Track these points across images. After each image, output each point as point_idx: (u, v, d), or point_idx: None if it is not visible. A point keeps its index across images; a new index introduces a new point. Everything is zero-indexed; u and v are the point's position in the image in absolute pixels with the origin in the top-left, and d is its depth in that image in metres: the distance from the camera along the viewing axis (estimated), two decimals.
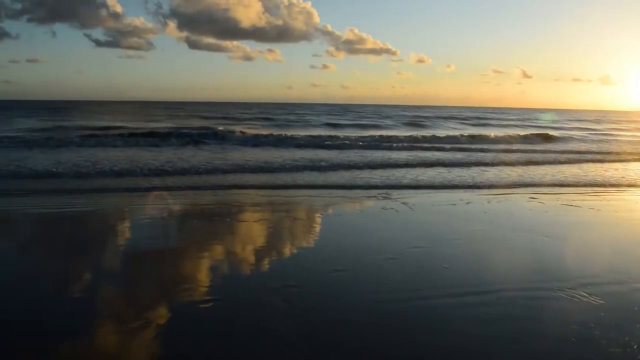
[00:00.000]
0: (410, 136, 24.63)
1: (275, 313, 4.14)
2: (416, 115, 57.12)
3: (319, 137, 22.12)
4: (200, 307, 4.26)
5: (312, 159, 14.88)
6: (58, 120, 34.85)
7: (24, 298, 4.56)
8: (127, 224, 7.52)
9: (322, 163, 14.06)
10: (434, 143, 21.89)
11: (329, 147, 18.90)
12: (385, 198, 9.52)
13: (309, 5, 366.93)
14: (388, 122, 40.87)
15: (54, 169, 11.62)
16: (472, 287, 4.95)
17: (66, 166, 12.14)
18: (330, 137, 22.23)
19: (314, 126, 33.38)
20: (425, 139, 23.76)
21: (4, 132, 22.36)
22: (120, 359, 3.52)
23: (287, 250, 6.29)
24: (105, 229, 7.21)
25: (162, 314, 4.14)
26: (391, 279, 5.18)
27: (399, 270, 5.46)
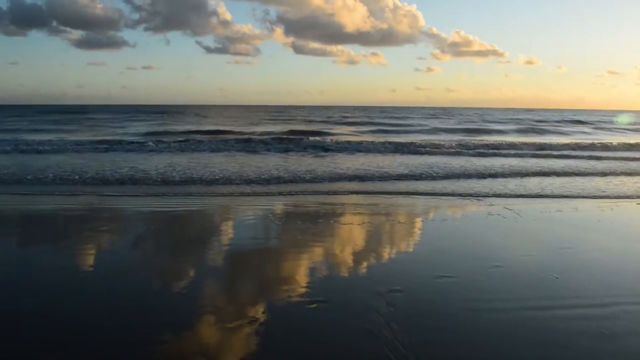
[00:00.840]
0: (523, 143, 22.96)
1: (380, 317, 4.17)
2: (527, 118, 54.65)
3: (423, 142, 21.63)
4: (306, 308, 4.37)
5: (419, 165, 14.74)
6: (170, 124, 37.24)
7: (133, 289, 4.90)
8: (233, 224, 7.85)
9: (433, 170, 13.72)
10: (548, 150, 20.40)
11: (433, 153, 18.40)
12: (490, 204, 9.24)
13: (414, 8, 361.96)
14: (499, 126, 39.31)
15: (165, 171, 12.44)
16: (586, 298, 4.67)
17: (178, 169, 12.96)
18: (436, 144, 21.41)
19: (419, 132, 32.62)
20: (539, 145, 22.15)
21: (121, 136, 24.19)
22: (223, 356, 3.64)
23: (391, 255, 6.28)
24: (211, 228, 7.58)
25: (267, 313, 4.26)
26: (498, 287, 5.02)
27: (507, 279, 5.28)
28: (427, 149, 19.50)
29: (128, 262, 5.89)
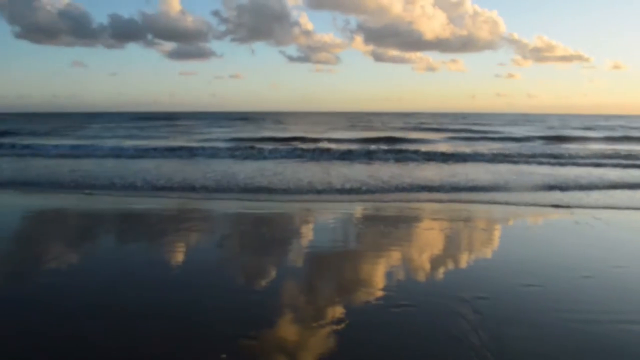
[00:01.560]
0: (613, 151, 21.74)
1: (466, 323, 4.15)
2: (615, 125, 51.80)
3: (508, 151, 20.88)
4: (391, 312, 4.41)
5: (503, 173, 14.38)
6: (255, 130, 38.22)
7: (218, 286, 5.11)
8: (315, 226, 7.98)
9: (517, 178, 13.36)
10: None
11: (514, 162, 17.73)
12: (576, 214, 8.89)
13: (494, 14, 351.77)
14: (587, 133, 37.32)
15: (253, 175, 12.86)
16: None
17: (265, 175, 13.38)
18: (519, 154, 20.40)
19: (504, 139, 31.35)
20: (627, 154, 20.79)
21: (213, 142, 25.02)
22: (303, 356, 3.71)
23: (474, 261, 6.19)
24: (294, 230, 7.73)
25: (350, 315, 4.33)
26: (588, 298, 4.83)
27: (597, 290, 5.07)
28: (514, 158, 18.74)
29: (214, 260, 6.16)
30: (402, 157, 18.69)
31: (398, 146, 22.85)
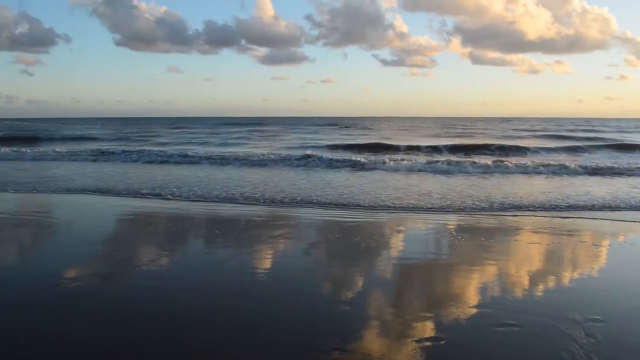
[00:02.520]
0: None
1: (578, 347, 3.80)
2: None
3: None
4: (494, 330, 4.13)
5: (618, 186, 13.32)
6: (349, 136, 38.31)
7: (304, 294, 5.09)
8: (407, 237, 7.74)
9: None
10: None
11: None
12: None
13: (605, 11, 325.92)
14: None
15: (348, 185, 12.84)
16: None
17: (363, 182, 13.33)
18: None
19: (611, 146, 27.81)
20: None
21: (313, 149, 25.15)
22: None
23: (585, 280, 5.69)
24: (384, 240, 7.51)
25: (448, 332, 4.12)
26: None
27: None
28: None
29: (300, 269, 6.14)
30: (505, 168, 16.84)
31: (501, 157, 21.33)
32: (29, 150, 23.54)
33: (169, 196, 11.00)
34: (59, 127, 57.31)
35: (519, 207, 9.94)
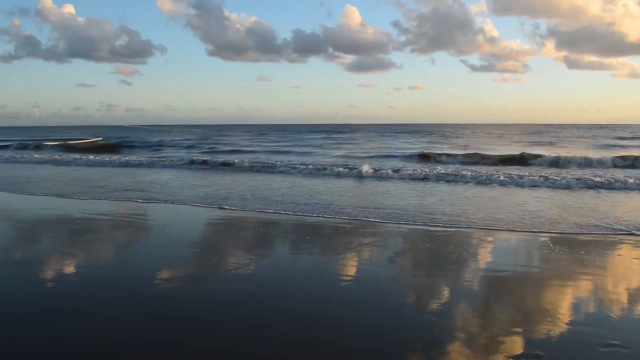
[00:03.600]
0: None
1: None
2: None
3: None
4: (598, 351, 3.80)
5: None
6: (440, 143, 37.57)
7: (388, 303, 4.99)
8: (498, 249, 7.38)
9: None
10: None
11: None
12: None
13: None
14: None
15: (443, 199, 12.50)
16: None
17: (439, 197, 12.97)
18: None
19: None
20: None
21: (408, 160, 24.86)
22: None
23: None
24: (474, 251, 7.18)
25: (547, 349, 3.85)
26: None
27: None
28: None
29: (387, 277, 6.05)
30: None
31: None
32: (123, 158, 25.01)
33: (256, 210, 11.23)
34: (154, 132, 60.20)
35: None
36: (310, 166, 19.34)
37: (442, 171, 17.19)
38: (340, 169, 18.43)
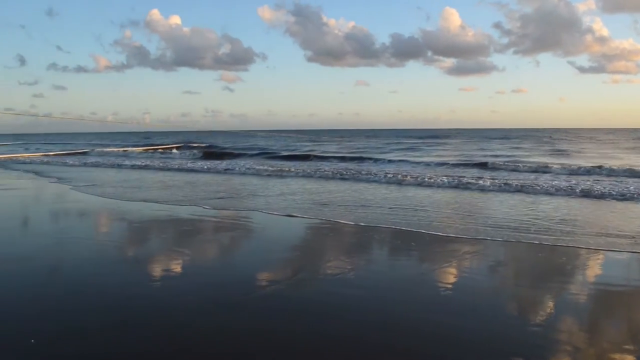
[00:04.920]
0: None
1: None
2: None
3: None
4: None
5: None
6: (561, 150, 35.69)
7: (486, 315, 5.03)
8: (607, 262, 7.16)
9: None
10: None
11: None
12: None
13: None
14: None
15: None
16: None
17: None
18: None
19: None
20: None
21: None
22: None
23: None
24: (579, 263, 6.99)
25: None
26: None
27: None
28: None
29: (494, 286, 6.12)
30: None
31: None
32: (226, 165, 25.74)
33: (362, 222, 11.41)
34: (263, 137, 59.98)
35: None
36: (409, 177, 18.55)
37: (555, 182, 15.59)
38: (445, 179, 17.05)
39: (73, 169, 25.42)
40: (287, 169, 22.39)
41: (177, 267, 6.98)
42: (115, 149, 44.84)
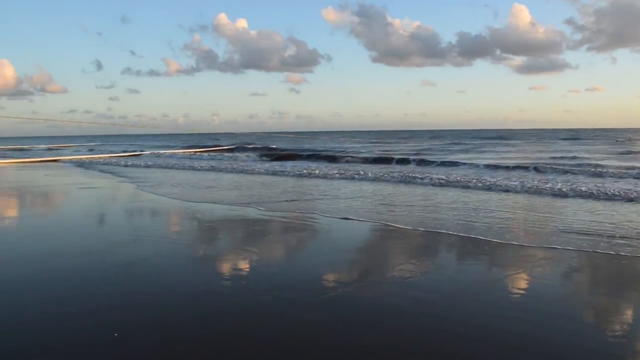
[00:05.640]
0: None
1: None
2: None
3: None
4: None
5: None
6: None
7: (568, 319, 4.89)
8: None
9: None
10: None
11: None
12: None
13: None
14: None
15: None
16: None
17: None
18: None
19: None
20: None
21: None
22: None
23: None
24: None
25: None
26: None
27: None
28: None
29: (569, 294, 5.92)
30: None
31: None
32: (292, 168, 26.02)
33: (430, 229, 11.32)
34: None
35: None
36: (479, 183, 18.36)
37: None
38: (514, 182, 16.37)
39: (134, 170, 26.71)
40: (350, 171, 22.16)
41: (246, 267, 7.15)
42: (166, 151, 46.89)
